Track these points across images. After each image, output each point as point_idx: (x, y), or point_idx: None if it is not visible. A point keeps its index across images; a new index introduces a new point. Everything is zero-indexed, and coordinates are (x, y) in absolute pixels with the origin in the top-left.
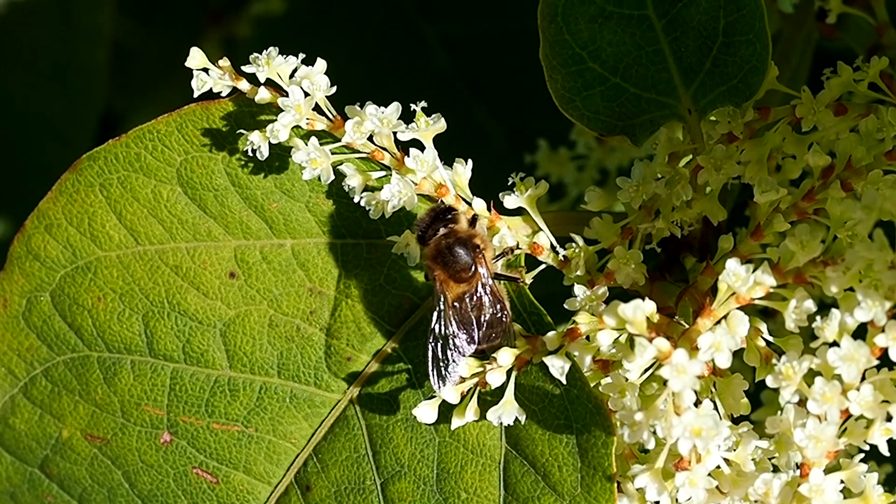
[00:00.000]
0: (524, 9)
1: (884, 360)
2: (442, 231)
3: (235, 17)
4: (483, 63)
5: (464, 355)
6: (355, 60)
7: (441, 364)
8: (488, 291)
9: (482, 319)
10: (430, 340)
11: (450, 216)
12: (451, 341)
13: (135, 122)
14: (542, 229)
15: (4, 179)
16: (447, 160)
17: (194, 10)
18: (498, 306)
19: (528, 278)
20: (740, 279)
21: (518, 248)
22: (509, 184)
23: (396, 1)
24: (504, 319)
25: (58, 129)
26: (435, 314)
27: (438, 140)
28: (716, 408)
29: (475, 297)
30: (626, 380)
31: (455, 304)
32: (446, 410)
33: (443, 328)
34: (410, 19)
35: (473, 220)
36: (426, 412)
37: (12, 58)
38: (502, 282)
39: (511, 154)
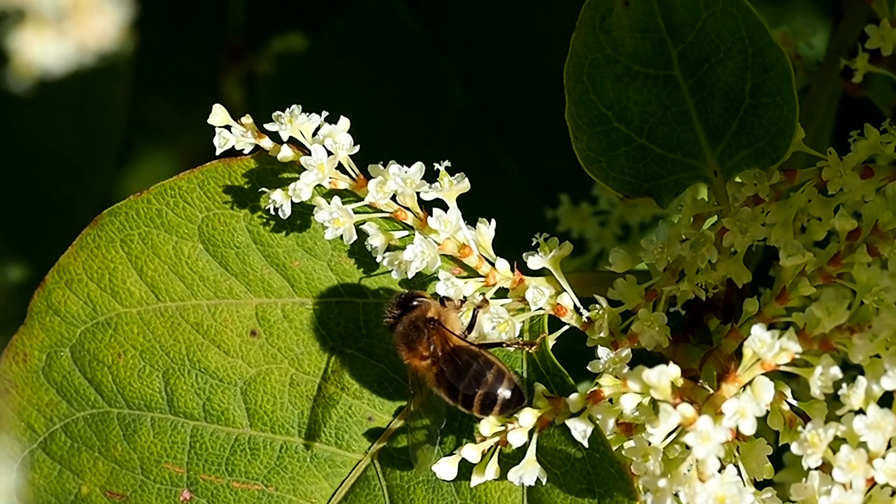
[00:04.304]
0: (545, 46)
1: None
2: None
3: (255, 54)
4: (502, 100)
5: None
6: (374, 97)
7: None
8: (462, 357)
9: (469, 385)
10: (409, 429)
11: (414, 303)
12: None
13: (152, 159)
14: (565, 290)
15: (21, 214)
16: (465, 199)
17: (213, 46)
18: (483, 366)
19: (552, 339)
20: (766, 345)
21: (464, 297)
22: (533, 244)
23: (416, 38)
24: (496, 380)
25: (75, 165)
26: (414, 402)
27: None
28: (739, 472)
29: (452, 366)
30: (650, 444)
31: (432, 381)
32: (468, 472)
33: (420, 411)
34: (429, 56)
35: (441, 301)
36: (446, 469)
37: (29, 92)
38: (512, 346)
39: (529, 192)
